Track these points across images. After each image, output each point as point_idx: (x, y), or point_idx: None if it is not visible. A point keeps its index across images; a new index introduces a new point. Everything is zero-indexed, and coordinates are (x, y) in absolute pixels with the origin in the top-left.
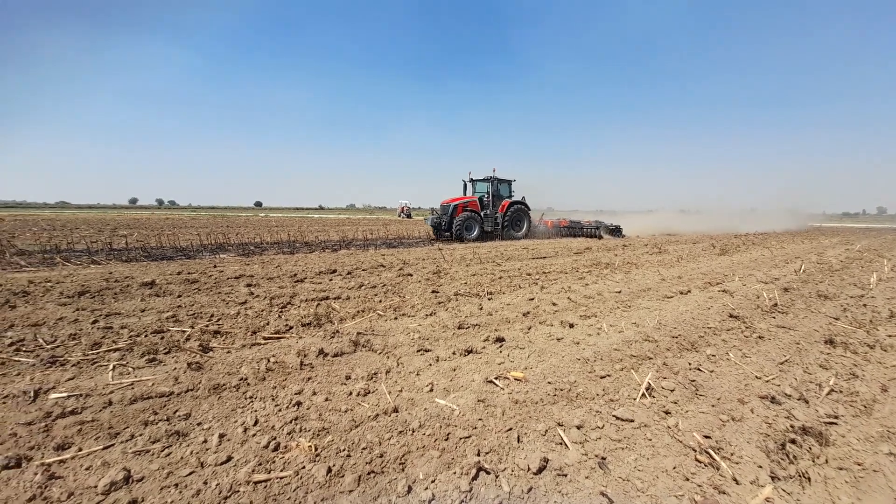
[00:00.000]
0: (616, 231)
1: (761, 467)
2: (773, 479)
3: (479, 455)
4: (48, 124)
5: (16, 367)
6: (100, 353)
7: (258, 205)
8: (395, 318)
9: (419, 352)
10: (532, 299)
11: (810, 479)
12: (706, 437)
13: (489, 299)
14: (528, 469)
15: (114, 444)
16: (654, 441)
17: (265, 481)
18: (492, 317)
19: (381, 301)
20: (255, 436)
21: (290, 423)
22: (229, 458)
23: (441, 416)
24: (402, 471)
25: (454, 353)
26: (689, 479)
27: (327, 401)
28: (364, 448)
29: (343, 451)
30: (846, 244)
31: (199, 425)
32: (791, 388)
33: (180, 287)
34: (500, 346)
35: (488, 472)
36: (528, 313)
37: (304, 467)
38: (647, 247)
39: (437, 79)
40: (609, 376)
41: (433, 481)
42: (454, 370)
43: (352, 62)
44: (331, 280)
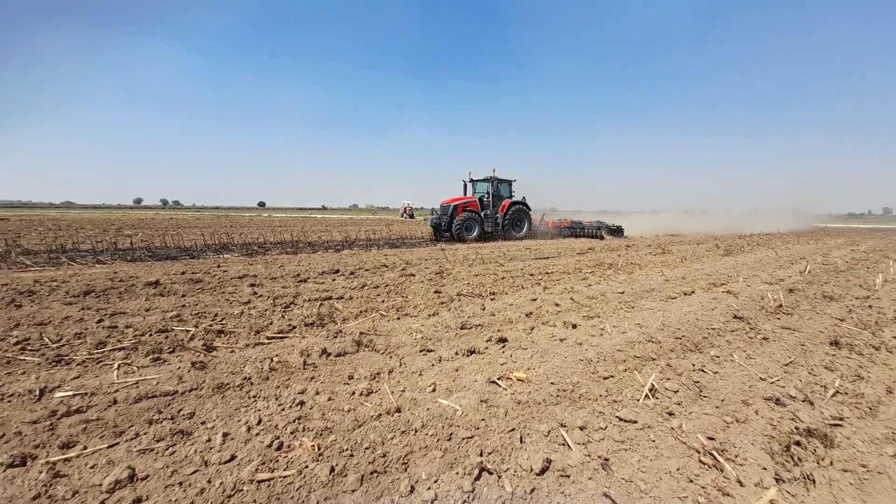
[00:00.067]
0: (617, 231)
1: (766, 469)
2: (777, 481)
3: (481, 455)
4: (53, 124)
5: (21, 365)
6: (105, 352)
7: (261, 205)
8: (398, 319)
9: (422, 352)
10: (535, 300)
11: (815, 482)
12: (710, 438)
13: (492, 300)
14: (531, 470)
15: (118, 443)
16: (658, 442)
17: (268, 480)
18: (494, 317)
19: (383, 301)
20: (258, 435)
21: (294, 422)
22: (233, 457)
23: (444, 416)
24: (405, 471)
25: (457, 354)
26: (692, 481)
27: (330, 400)
28: (367, 448)
29: (346, 450)
30: (852, 245)
31: (203, 424)
32: (796, 389)
33: (184, 287)
34: (503, 347)
35: (491, 473)
36: (531, 314)
37: (307, 466)
38: (651, 247)
39: (437, 79)
40: (612, 377)
41: (436, 481)
42: (457, 370)
43: (352, 62)
44: (334, 280)
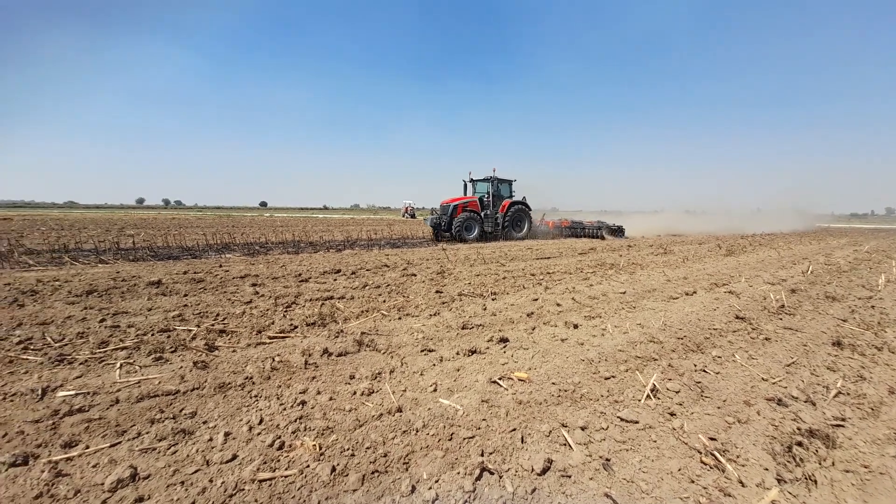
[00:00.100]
0: (618, 231)
1: (767, 470)
2: (779, 481)
3: (482, 455)
4: (55, 125)
5: (24, 365)
6: (107, 351)
7: (263, 205)
8: (399, 318)
9: (423, 352)
10: (536, 300)
11: (817, 482)
12: (712, 439)
13: (493, 300)
14: (532, 470)
15: (121, 442)
16: (659, 443)
17: (270, 480)
18: (496, 317)
19: (385, 301)
20: (260, 434)
21: (295, 422)
22: (234, 457)
23: (445, 416)
24: (406, 470)
25: (458, 354)
26: (694, 482)
27: (331, 400)
28: (368, 447)
29: (347, 450)
30: (854, 245)
31: (204, 424)
32: (798, 390)
33: (186, 286)
34: (504, 347)
35: (492, 473)
36: (533, 314)
37: (308, 466)
38: (653, 247)
39: (437, 79)
40: (614, 377)
41: (437, 481)
42: (458, 370)
43: (352, 62)
44: (335, 280)
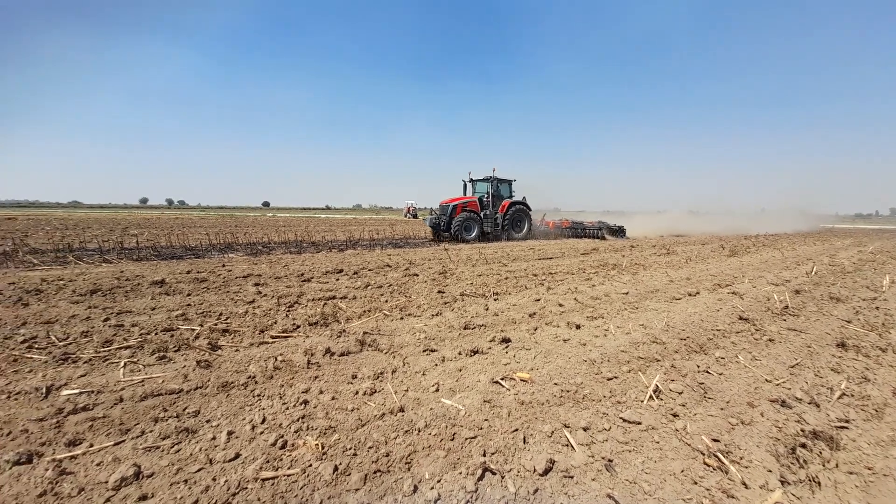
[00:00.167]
0: (619, 232)
1: (771, 471)
2: (782, 483)
3: (484, 455)
4: (57, 125)
5: (28, 363)
6: (111, 350)
7: (266, 205)
8: (402, 318)
9: (425, 352)
10: (538, 300)
11: (820, 484)
12: (715, 440)
13: (495, 300)
14: (534, 470)
15: (124, 441)
16: (662, 444)
17: (272, 479)
18: (498, 317)
19: (387, 301)
20: (262, 433)
21: (298, 421)
22: (237, 456)
23: (447, 416)
24: (408, 470)
25: (460, 354)
26: (697, 483)
27: (334, 400)
28: (370, 447)
29: (349, 449)
30: (859, 246)
31: (208, 422)
32: (802, 391)
33: (190, 286)
34: (506, 347)
35: (494, 473)
36: (535, 314)
37: (310, 465)
38: (655, 248)
39: (437, 79)
40: (616, 378)
41: (439, 481)
42: (460, 370)
43: (352, 62)
44: (337, 280)
